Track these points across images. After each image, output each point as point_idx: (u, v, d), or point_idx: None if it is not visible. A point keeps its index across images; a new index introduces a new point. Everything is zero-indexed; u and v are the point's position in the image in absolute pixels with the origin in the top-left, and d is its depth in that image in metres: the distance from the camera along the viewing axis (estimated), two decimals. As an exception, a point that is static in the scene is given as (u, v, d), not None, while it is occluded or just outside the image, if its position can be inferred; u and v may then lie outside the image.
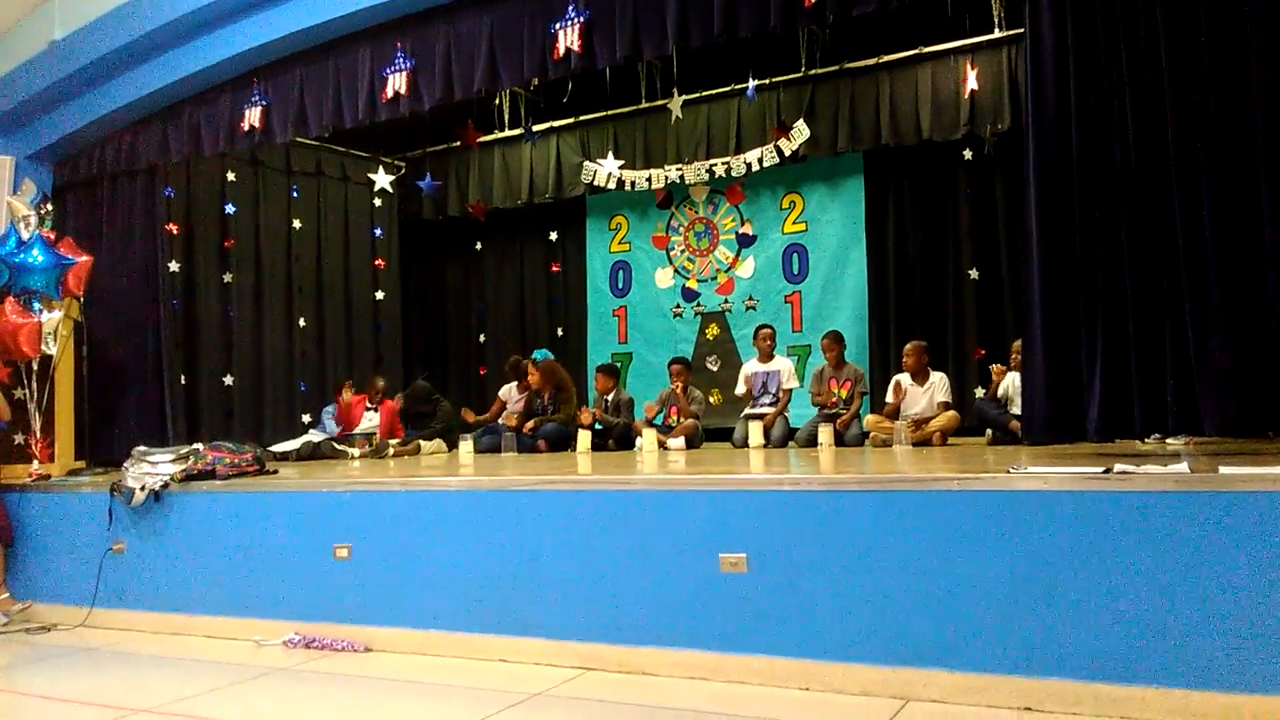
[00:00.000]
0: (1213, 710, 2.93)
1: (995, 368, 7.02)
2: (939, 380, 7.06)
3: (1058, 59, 4.22)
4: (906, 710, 3.26)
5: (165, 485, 5.30)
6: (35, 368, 6.47)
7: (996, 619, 3.28)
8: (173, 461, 5.42)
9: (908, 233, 8.48)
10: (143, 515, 5.36)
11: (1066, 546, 3.21)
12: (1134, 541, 3.12)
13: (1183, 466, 3.25)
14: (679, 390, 7.74)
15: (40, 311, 6.39)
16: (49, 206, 6.86)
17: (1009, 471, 3.49)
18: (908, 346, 7.19)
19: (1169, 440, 4.55)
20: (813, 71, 8.31)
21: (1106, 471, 3.26)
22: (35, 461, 6.39)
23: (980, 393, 7.48)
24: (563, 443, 7.58)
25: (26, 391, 6.46)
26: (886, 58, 8.08)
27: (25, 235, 6.40)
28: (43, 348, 6.36)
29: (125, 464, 5.54)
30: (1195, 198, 3.84)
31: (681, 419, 7.61)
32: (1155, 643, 3.06)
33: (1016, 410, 6.23)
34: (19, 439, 6.48)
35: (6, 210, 6.59)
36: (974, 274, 8.12)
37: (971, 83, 7.54)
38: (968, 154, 8.07)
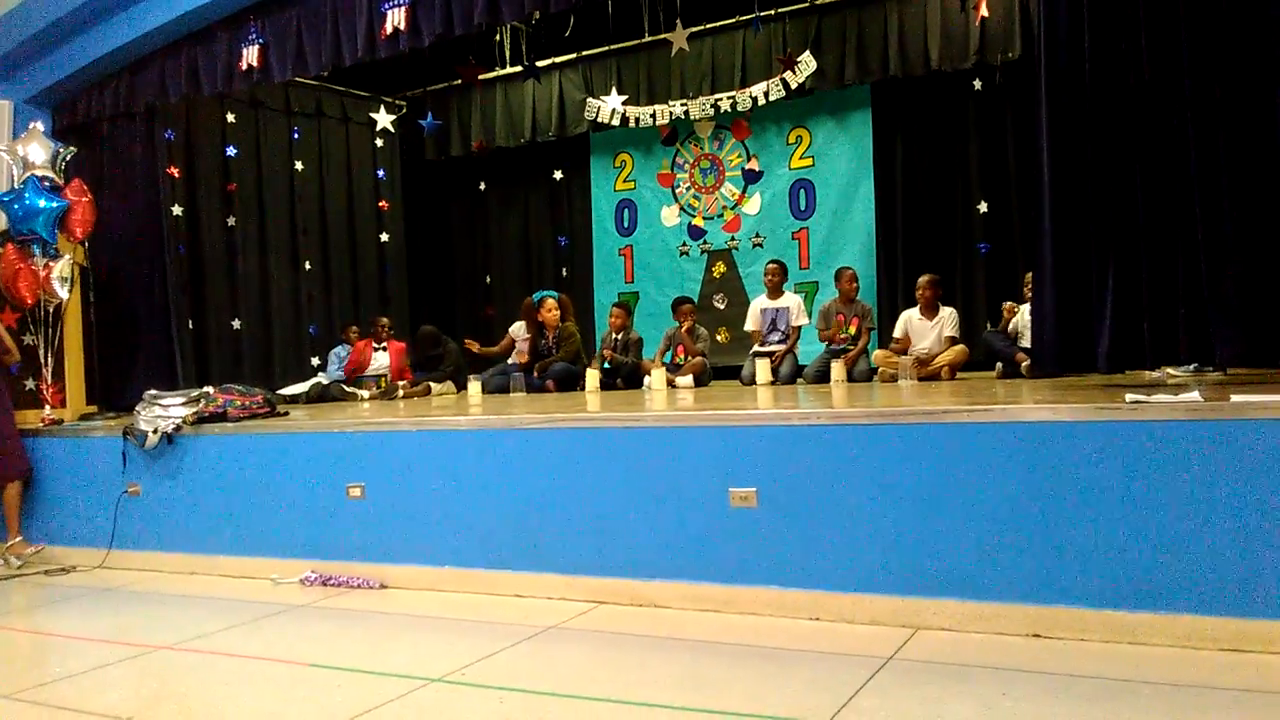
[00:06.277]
0: (1222, 635, 2.97)
1: (1007, 305, 6.96)
2: (947, 315, 7.02)
3: (1072, -17, 4.11)
4: (916, 638, 3.31)
5: (178, 428, 5.34)
6: (48, 313, 6.47)
7: (1006, 548, 3.31)
8: (184, 404, 5.45)
9: (916, 166, 8.38)
10: (156, 458, 5.42)
11: (1076, 476, 3.22)
12: (1145, 470, 3.13)
13: (1195, 395, 3.24)
14: (684, 329, 7.74)
15: (38, 256, 6.35)
16: (73, 149, 6.77)
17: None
18: (924, 279, 7.09)
19: (1173, 370, 4.53)
20: (819, 1, 8.13)
21: (1119, 402, 3.25)
22: (47, 406, 6.42)
23: (989, 326, 7.44)
24: (571, 382, 7.59)
25: (37, 337, 6.48)
26: (895, -14, 7.91)
27: (20, 179, 6.33)
28: (53, 293, 6.33)
29: (137, 408, 5.58)
30: (1210, 126, 3.77)
31: (689, 358, 7.61)
32: (1164, 569, 3.08)
33: (1026, 344, 6.23)
34: (30, 384, 6.51)
35: (5, 155, 6.51)
36: (983, 207, 8.05)
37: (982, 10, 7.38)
38: (977, 84, 7.94)
